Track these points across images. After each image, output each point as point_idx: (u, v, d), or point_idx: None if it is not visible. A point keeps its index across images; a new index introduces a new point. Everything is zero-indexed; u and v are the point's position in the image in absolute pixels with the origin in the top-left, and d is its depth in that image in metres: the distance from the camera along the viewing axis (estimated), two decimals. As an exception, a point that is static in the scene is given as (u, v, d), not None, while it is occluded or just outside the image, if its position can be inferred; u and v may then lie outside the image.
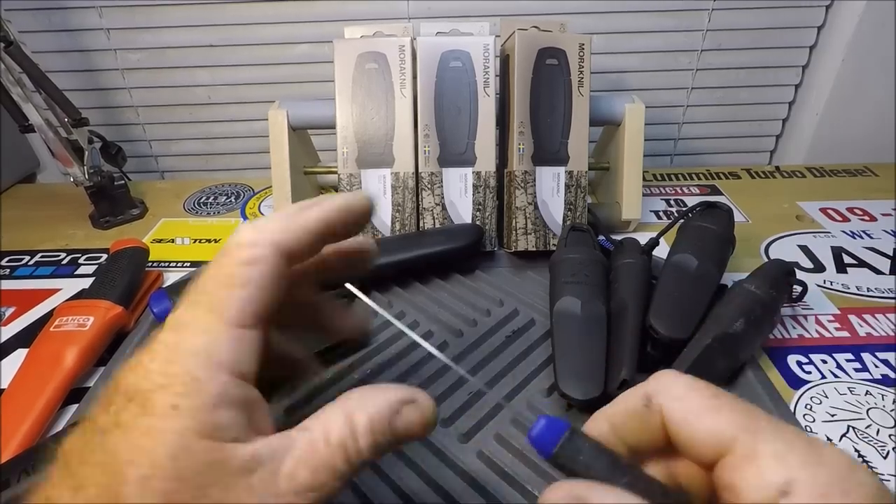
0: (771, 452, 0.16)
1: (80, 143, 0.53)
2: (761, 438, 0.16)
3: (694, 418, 0.18)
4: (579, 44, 0.47)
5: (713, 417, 0.17)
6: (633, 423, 0.19)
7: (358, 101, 0.49)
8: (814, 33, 0.65)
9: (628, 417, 0.19)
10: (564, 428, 0.19)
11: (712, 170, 0.67)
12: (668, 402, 0.18)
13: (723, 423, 0.17)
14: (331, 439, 0.18)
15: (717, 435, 0.17)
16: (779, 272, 0.38)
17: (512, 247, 0.48)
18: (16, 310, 0.45)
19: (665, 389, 0.19)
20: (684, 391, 0.18)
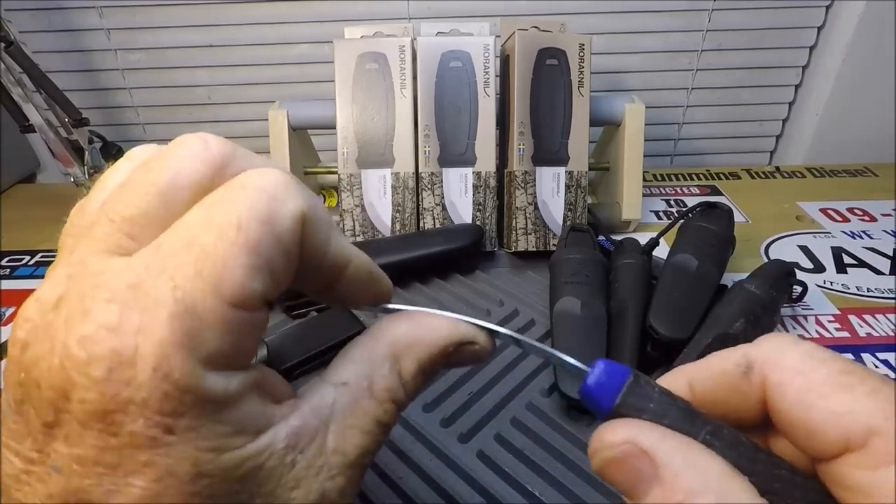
0: None
1: (81, 143, 0.53)
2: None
3: (816, 398, 0.13)
4: (579, 44, 0.47)
5: (843, 399, 0.13)
6: (721, 390, 0.15)
7: (358, 102, 0.49)
8: (814, 33, 0.65)
9: (717, 383, 0.16)
10: (627, 372, 0.15)
11: (712, 170, 0.67)
12: (780, 373, 0.14)
13: (857, 410, 0.13)
14: (377, 392, 0.15)
15: (848, 423, 0.13)
16: (779, 272, 0.38)
17: (512, 247, 0.48)
18: (16, 310, 0.45)
19: (776, 357, 0.15)
20: (804, 361, 0.14)
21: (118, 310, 0.12)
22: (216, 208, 0.13)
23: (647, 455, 0.14)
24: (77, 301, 0.13)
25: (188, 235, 0.13)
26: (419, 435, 0.32)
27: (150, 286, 0.13)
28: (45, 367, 0.13)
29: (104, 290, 0.13)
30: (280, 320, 0.42)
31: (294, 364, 0.35)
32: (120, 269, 0.13)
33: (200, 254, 0.13)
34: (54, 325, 0.13)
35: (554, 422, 0.33)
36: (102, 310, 0.12)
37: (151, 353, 0.12)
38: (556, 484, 0.29)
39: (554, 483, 0.29)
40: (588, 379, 0.15)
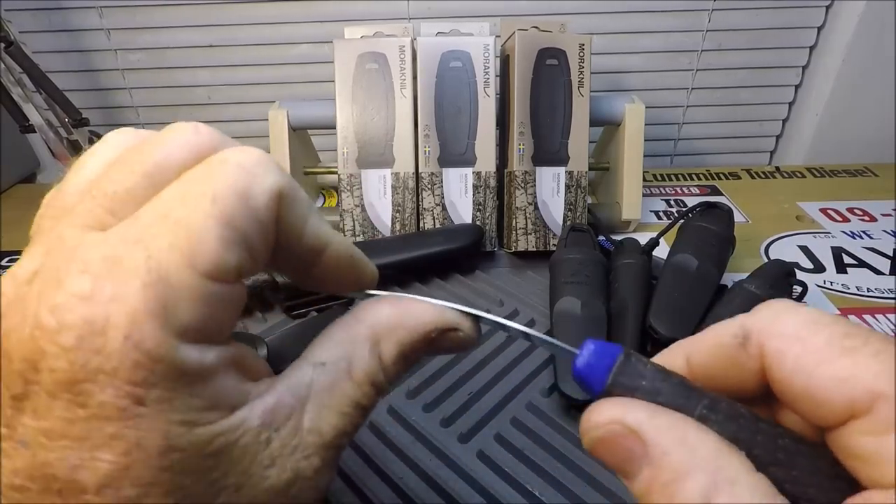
0: None
1: (81, 143, 0.53)
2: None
3: (816, 364, 0.13)
4: (579, 44, 0.47)
5: (845, 364, 0.13)
6: (719, 363, 0.15)
7: (358, 102, 0.49)
8: (814, 33, 0.65)
9: (714, 355, 0.15)
10: (617, 350, 0.15)
11: (712, 170, 0.67)
12: (777, 341, 0.14)
13: (860, 374, 0.12)
14: (355, 374, 0.15)
15: (851, 388, 0.12)
16: (779, 272, 0.38)
17: (512, 247, 0.48)
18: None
19: (773, 325, 0.14)
20: (803, 327, 0.14)
21: (91, 279, 0.12)
22: (193, 182, 0.13)
23: (636, 434, 0.13)
24: (52, 273, 0.13)
25: (165, 208, 0.13)
26: (419, 435, 0.32)
27: (125, 256, 0.12)
28: (15, 339, 0.12)
29: (79, 261, 0.13)
30: (280, 320, 0.42)
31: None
32: (96, 241, 0.13)
33: (175, 225, 0.13)
34: (27, 298, 0.13)
35: (554, 422, 0.33)
36: (75, 279, 0.12)
37: (123, 322, 0.12)
38: (556, 484, 0.29)
39: (554, 483, 0.29)
40: (577, 361, 0.15)
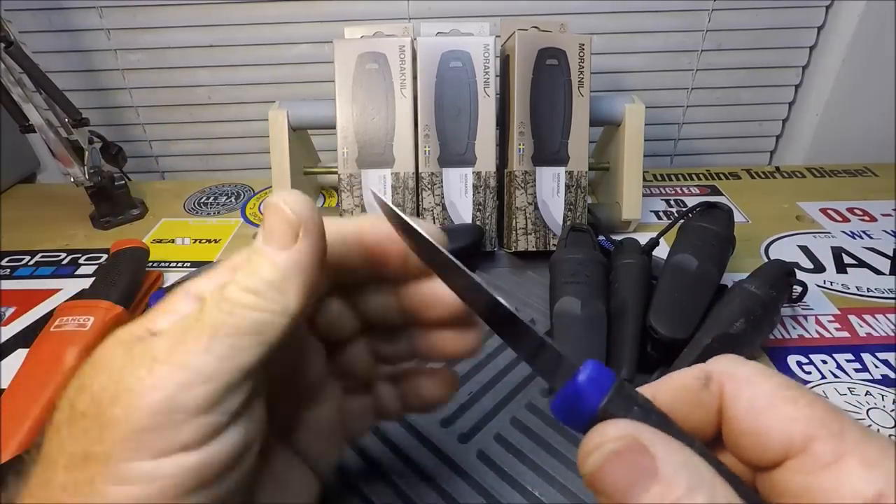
0: (860, 459, 0.13)
1: (81, 143, 0.53)
2: (849, 440, 0.14)
3: (764, 407, 0.15)
4: (579, 44, 0.47)
5: (788, 409, 0.15)
6: (683, 403, 0.16)
7: (358, 102, 0.49)
8: (814, 33, 0.65)
9: (679, 396, 0.16)
10: (612, 377, 0.15)
11: (712, 170, 0.67)
12: (735, 384, 0.16)
13: (800, 417, 0.14)
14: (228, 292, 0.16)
15: (791, 430, 0.14)
16: (779, 272, 0.38)
17: (512, 247, 0.48)
18: (16, 310, 0.45)
19: (730, 370, 0.16)
20: (754, 375, 0.16)
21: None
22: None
23: (648, 451, 0.14)
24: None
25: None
26: (419, 435, 0.32)
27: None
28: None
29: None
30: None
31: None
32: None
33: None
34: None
35: (554, 422, 0.33)
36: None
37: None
38: (556, 484, 0.29)
39: (554, 483, 0.29)
40: (578, 376, 0.15)
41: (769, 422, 0.15)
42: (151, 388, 0.14)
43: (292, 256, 0.16)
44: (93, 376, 0.15)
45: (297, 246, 0.16)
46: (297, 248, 0.16)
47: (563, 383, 0.16)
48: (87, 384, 0.15)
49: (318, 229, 0.17)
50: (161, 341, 0.15)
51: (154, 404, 0.14)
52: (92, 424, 0.15)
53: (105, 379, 0.15)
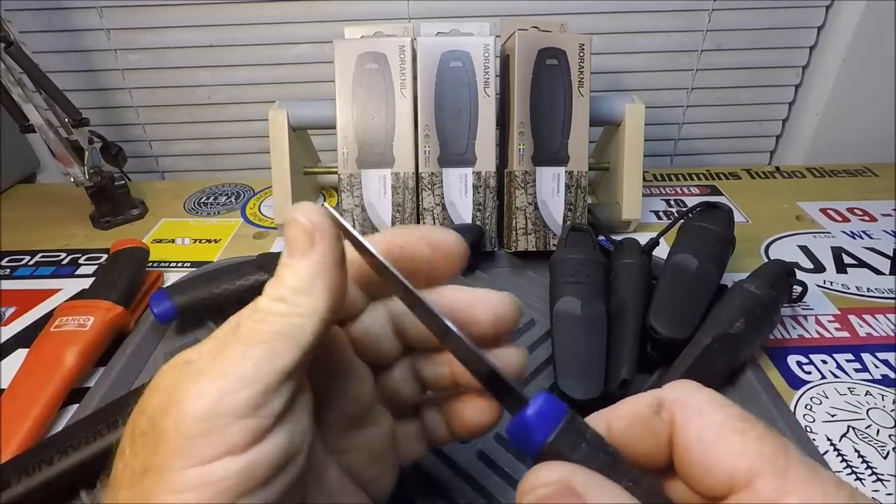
0: (801, 500, 0.13)
1: (81, 143, 0.53)
2: (792, 479, 0.14)
3: (712, 438, 0.15)
4: (579, 44, 0.47)
5: (736, 442, 0.15)
6: (635, 430, 0.16)
7: (358, 102, 0.49)
8: (814, 33, 0.65)
9: (631, 423, 0.17)
10: (563, 410, 0.15)
11: (712, 170, 0.67)
12: (684, 412, 0.16)
13: (746, 452, 0.14)
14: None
15: (737, 464, 0.14)
16: (779, 272, 0.38)
17: (512, 247, 0.48)
18: (16, 310, 0.45)
19: (683, 398, 0.16)
20: (706, 404, 0.16)
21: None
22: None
23: (579, 497, 0.14)
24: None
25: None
26: (419, 435, 0.32)
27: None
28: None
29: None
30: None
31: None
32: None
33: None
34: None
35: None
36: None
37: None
38: (556, 484, 0.29)
39: (554, 483, 0.29)
40: (528, 410, 0.15)
41: (716, 454, 0.15)
42: (196, 397, 0.15)
43: (311, 260, 0.17)
44: (149, 398, 0.16)
45: (314, 250, 0.17)
46: (315, 252, 0.17)
47: (513, 414, 0.16)
48: (144, 406, 0.16)
49: (332, 232, 0.18)
50: (204, 358, 0.16)
51: (199, 411, 0.15)
52: (149, 440, 0.15)
53: (158, 397, 0.16)
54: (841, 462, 0.31)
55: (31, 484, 0.28)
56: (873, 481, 0.30)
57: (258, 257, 0.44)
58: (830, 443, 0.32)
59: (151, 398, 0.16)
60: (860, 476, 0.31)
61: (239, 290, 0.41)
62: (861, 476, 0.31)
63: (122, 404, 0.31)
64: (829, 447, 0.32)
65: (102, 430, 0.29)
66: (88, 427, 0.30)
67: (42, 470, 0.28)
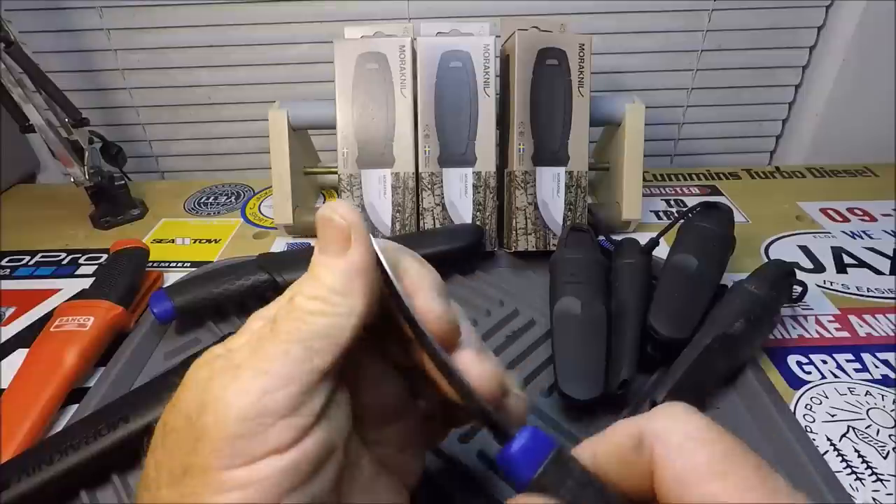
0: None
1: (81, 143, 0.53)
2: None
3: (692, 482, 0.14)
4: (579, 44, 0.47)
5: (716, 488, 0.14)
6: (618, 463, 0.16)
7: (358, 102, 0.49)
8: (814, 33, 0.65)
9: (613, 455, 0.16)
10: (551, 446, 0.15)
11: (712, 170, 0.67)
12: (665, 450, 0.15)
13: (726, 498, 0.13)
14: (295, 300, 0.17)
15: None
16: (779, 272, 0.38)
17: (512, 247, 0.48)
18: (16, 310, 0.45)
19: (664, 433, 0.15)
20: (686, 440, 0.15)
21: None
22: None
23: None
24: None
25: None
26: (419, 435, 0.32)
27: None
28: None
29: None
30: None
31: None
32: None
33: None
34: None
35: (554, 422, 0.33)
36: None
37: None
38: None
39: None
40: (513, 445, 0.15)
41: (695, 498, 0.14)
42: (238, 394, 0.15)
43: (349, 260, 0.17)
44: (181, 394, 0.16)
45: (351, 249, 0.17)
46: (353, 251, 0.17)
47: (501, 447, 0.16)
48: (177, 402, 0.16)
49: (366, 231, 0.18)
50: (240, 352, 0.16)
51: (242, 410, 0.15)
52: (185, 437, 0.15)
53: (192, 393, 0.16)
54: (841, 462, 0.31)
55: (31, 484, 0.28)
56: (873, 481, 0.30)
57: (258, 257, 0.44)
58: (830, 443, 0.32)
59: (185, 394, 0.16)
60: (860, 476, 0.31)
61: (239, 290, 0.41)
62: (861, 476, 0.31)
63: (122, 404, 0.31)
64: (829, 447, 0.32)
65: (102, 430, 0.29)
66: (88, 427, 0.30)
67: (42, 470, 0.28)
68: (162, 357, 0.39)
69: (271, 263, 0.42)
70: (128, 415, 0.30)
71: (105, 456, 0.29)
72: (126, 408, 0.31)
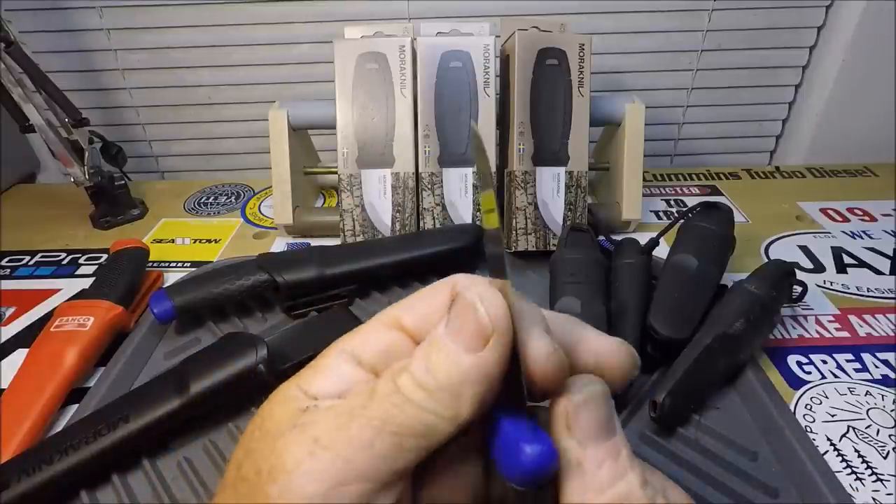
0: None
1: (81, 143, 0.53)
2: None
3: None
4: (579, 44, 0.47)
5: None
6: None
7: (358, 102, 0.49)
8: (814, 33, 0.65)
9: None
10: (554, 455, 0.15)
11: (712, 170, 0.67)
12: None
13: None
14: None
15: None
16: (779, 272, 0.38)
17: (512, 247, 0.48)
18: (16, 310, 0.45)
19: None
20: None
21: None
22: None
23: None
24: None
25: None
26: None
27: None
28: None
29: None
30: (280, 320, 0.42)
31: (294, 364, 0.35)
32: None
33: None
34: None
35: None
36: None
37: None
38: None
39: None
40: (521, 456, 0.15)
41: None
42: (309, 478, 0.14)
43: (477, 363, 0.15)
44: (258, 440, 0.15)
45: (484, 353, 0.15)
46: (485, 356, 0.15)
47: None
48: (253, 448, 0.15)
49: (509, 339, 0.15)
50: (324, 420, 0.15)
51: (309, 495, 0.14)
52: (252, 492, 0.15)
53: (267, 448, 0.15)
54: (841, 462, 0.31)
55: (31, 484, 0.28)
56: (873, 481, 0.30)
57: (258, 257, 0.44)
58: (830, 443, 0.32)
59: (261, 435, 0.15)
60: (860, 476, 0.31)
61: (239, 290, 0.41)
62: (861, 476, 0.31)
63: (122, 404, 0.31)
64: (829, 447, 0.32)
65: (102, 430, 0.29)
66: (88, 427, 0.30)
67: (42, 470, 0.28)
68: (162, 357, 0.39)
69: (271, 263, 0.42)
70: (128, 415, 0.30)
71: (105, 456, 0.29)
72: (126, 408, 0.31)
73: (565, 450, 0.16)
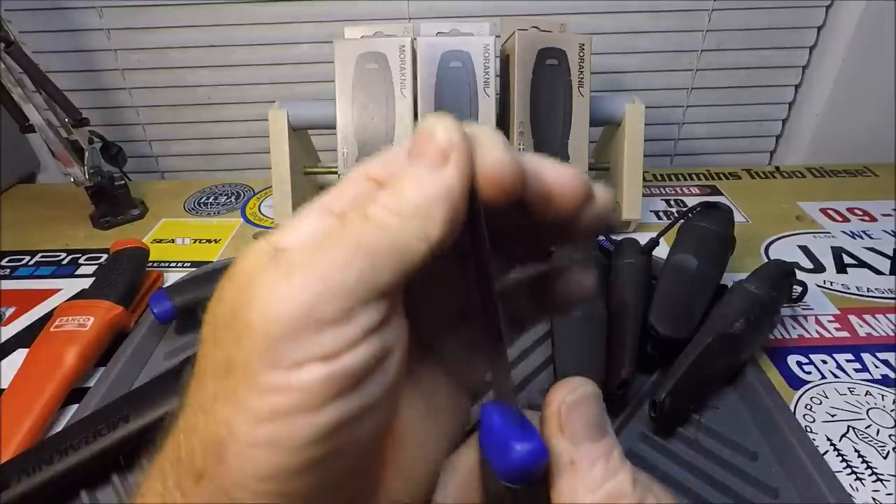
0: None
1: (81, 143, 0.53)
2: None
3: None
4: (579, 44, 0.47)
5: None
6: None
7: (358, 102, 0.49)
8: (814, 33, 0.65)
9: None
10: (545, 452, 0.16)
11: (712, 170, 0.67)
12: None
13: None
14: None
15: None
16: (779, 272, 0.38)
17: (512, 247, 0.48)
18: (16, 310, 0.45)
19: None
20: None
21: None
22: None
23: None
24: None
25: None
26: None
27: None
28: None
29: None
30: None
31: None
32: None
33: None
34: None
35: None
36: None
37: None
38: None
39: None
40: (511, 453, 0.15)
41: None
42: (289, 297, 0.14)
43: (440, 180, 0.15)
44: (229, 284, 0.15)
45: (446, 170, 0.15)
46: (447, 173, 0.15)
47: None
48: (224, 293, 0.15)
49: (468, 157, 0.16)
50: (297, 254, 0.15)
51: (291, 314, 0.14)
52: (230, 331, 0.15)
53: (240, 284, 0.15)
54: (841, 462, 0.31)
55: (31, 484, 0.28)
56: (873, 481, 0.30)
57: (258, 257, 0.43)
58: (830, 443, 0.32)
59: (232, 284, 0.15)
60: (860, 476, 0.31)
61: (239, 290, 0.41)
62: (861, 476, 0.31)
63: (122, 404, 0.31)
64: (829, 447, 0.32)
65: (102, 430, 0.29)
66: (88, 427, 0.30)
67: (42, 470, 0.28)
68: (162, 357, 0.39)
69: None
70: (128, 415, 0.30)
71: (105, 456, 0.29)
72: (126, 408, 0.31)
73: (558, 450, 0.16)
